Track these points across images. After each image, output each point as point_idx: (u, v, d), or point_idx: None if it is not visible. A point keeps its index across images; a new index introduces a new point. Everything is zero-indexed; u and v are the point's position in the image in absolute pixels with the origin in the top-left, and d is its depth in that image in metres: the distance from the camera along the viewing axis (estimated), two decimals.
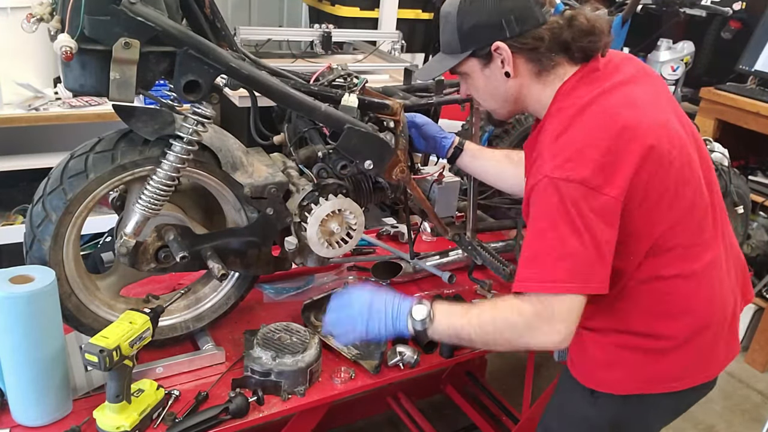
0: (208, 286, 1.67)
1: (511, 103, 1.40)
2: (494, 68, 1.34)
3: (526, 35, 1.29)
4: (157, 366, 1.49)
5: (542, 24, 1.28)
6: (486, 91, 1.42)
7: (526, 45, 1.29)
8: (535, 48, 1.29)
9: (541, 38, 1.29)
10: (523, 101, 1.38)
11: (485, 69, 1.36)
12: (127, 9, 1.18)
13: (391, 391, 2.50)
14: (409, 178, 1.66)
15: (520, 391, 2.32)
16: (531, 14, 1.28)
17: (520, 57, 1.31)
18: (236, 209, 1.57)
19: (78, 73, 1.24)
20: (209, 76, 1.33)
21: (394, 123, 1.61)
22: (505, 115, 1.46)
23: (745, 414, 2.88)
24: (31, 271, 1.29)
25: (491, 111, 1.49)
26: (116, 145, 1.38)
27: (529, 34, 1.29)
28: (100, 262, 1.82)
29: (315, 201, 1.58)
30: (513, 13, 1.28)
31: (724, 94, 3.17)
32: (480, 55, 1.34)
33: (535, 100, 1.36)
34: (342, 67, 1.64)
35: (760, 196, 3.13)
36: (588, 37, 1.29)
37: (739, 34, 3.42)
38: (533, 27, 1.28)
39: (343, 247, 1.65)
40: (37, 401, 1.32)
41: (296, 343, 1.52)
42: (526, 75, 1.34)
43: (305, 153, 1.63)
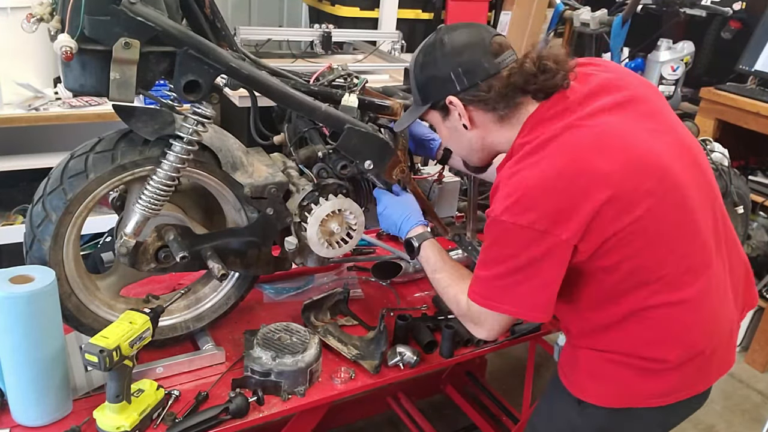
0: (208, 286, 1.67)
1: (478, 151, 1.42)
2: (453, 120, 1.37)
3: (475, 87, 1.29)
4: (157, 366, 1.49)
5: (493, 74, 1.28)
6: (451, 142, 1.46)
7: (477, 97, 1.30)
8: (488, 99, 1.29)
9: (491, 88, 1.28)
10: (491, 147, 1.39)
11: (446, 121, 1.39)
12: (127, 9, 1.18)
13: (391, 391, 2.50)
14: (409, 178, 1.66)
15: (520, 391, 2.31)
16: (479, 66, 1.28)
17: (474, 108, 1.32)
18: (236, 209, 1.57)
19: (78, 73, 1.24)
20: (209, 76, 1.33)
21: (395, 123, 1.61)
22: (476, 162, 1.47)
23: (745, 414, 2.88)
24: (31, 271, 1.29)
25: (463, 159, 1.51)
26: (116, 145, 1.38)
27: (478, 87, 1.29)
28: (100, 262, 1.82)
29: (315, 201, 1.58)
30: (461, 66, 1.29)
31: (724, 94, 3.17)
32: (438, 107, 1.37)
33: (504, 143, 1.35)
34: (342, 67, 1.64)
35: (760, 196, 3.12)
36: (541, 76, 1.26)
37: (739, 34, 3.42)
38: (483, 78, 1.28)
39: (343, 247, 1.65)
40: (37, 401, 1.32)
41: (296, 343, 1.52)
42: (487, 123, 1.34)
43: (305, 153, 1.63)
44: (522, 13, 4.31)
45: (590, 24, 3.28)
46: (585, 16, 3.32)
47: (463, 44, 1.30)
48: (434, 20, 4.08)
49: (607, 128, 1.24)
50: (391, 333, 1.67)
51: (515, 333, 1.79)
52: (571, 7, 3.42)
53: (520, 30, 4.33)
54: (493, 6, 4.34)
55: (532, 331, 1.80)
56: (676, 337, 1.30)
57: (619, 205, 1.19)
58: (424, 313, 1.84)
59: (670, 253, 1.26)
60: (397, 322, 1.67)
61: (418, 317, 1.78)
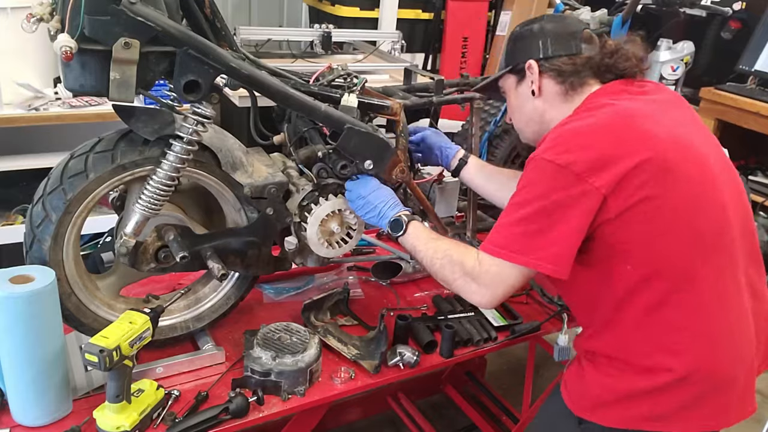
0: (208, 286, 1.67)
1: (536, 123, 1.44)
2: (525, 86, 1.43)
3: (557, 58, 1.38)
4: (157, 366, 1.49)
5: (574, 54, 1.37)
6: (516, 109, 1.50)
7: (554, 66, 1.38)
8: (563, 71, 1.37)
9: (570, 64, 1.37)
10: (548, 122, 1.41)
11: (518, 86, 1.46)
12: (127, 9, 1.18)
13: (391, 391, 2.50)
14: (409, 178, 1.66)
15: (520, 391, 2.31)
16: (567, 42, 1.38)
17: (547, 78, 1.40)
18: (236, 209, 1.57)
19: (78, 73, 1.24)
20: (209, 76, 1.33)
21: (394, 123, 1.61)
22: (530, 136, 1.50)
23: None
24: (31, 271, 1.29)
25: (519, 131, 1.54)
26: (116, 145, 1.38)
27: (558, 59, 1.38)
28: (100, 262, 1.83)
29: (315, 201, 1.58)
30: (550, 36, 1.39)
31: (724, 94, 3.18)
32: (516, 71, 1.45)
33: (559, 119, 1.36)
34: (342, 67, 1.64)
35: (760, 196, 3.13)
36: (613, 57, 1.35)
37: (739, 34, 3.43)
38: (565, 54, 1.38)
39: (343, 247, 1.65)
40: (37, 401, 1.32)
41: (296, 343, 1.52)
42: (553, 96, 1.40)
43: (305, 153, 1.63)
44: (522, 13, 4.30)
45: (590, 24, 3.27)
46: (585, 16, 3.32)
47: (562, 22, 1.42)
48: (434, 20, 4.08)
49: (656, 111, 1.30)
50: (391, 333, 1.67)
51: (515, 333, 1.79)
52: (571, 7, 3.42)
53: None
54: (493, 6, 4.34)
55: (532, 331, 1.80)
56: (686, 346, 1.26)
57: (658, 170, 1.20)
58: (424, 313, 1.84)
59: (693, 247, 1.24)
60: (397, 322, 1.67)
61: (418, 317, 1.78)
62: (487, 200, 2.12)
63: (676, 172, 1.22)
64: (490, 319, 1.80)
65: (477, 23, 4.25)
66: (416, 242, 1.46)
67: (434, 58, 4.24)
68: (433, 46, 4.19)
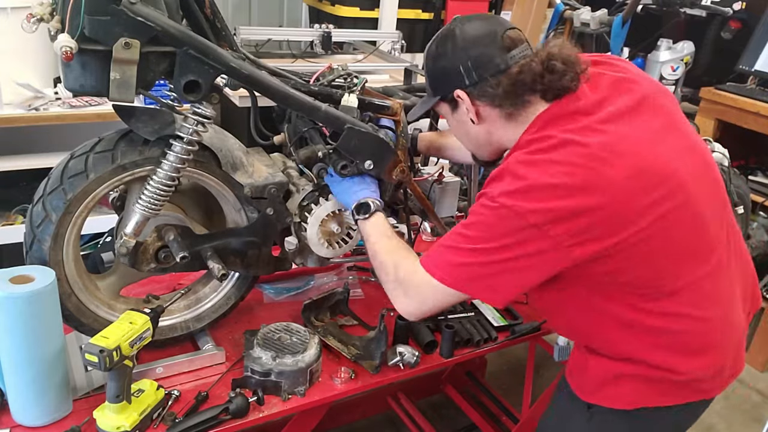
0: (208, 286, 1.67)
1: (486, 145, 1.40)
2: (461, 113, 1.36)
3: (484, 83, 1.27)
4: (157, 366, 1.49)
5: (503, 70, 1.26)
6: (460, 135, 1.45)
7: (485, 93, 1.28)
8: (495, 96, 1.27)
9: (499, 85, 1.26)
10: (498, 143, 1.38)
11: (454, 113, 1.39)
12: (127, 9, 1.18)
13: (391, 391, 2.50)
14: (409, 178, 1.66)
15: (520, 391, 2.31)
16: (489, 61, 1.26)
17: (482, 104, 1.31)
18: (236, 209, 1.57)
19: (78, 73, 1.24)
20: (209, 76, 1.33)
21: (395, 123, 1.61)
22: (485, 157, 1.46)
23: (745, 414, 2.88)
24: (31, 271, 1.29)
25: (472, 152, 1.50)
26: (116, 145, 1.38)
27: (486, 82, 1.27)
28: (100, 262, 1.83)
29: (315, 201, 1.58)
30: (470, 60, 1.27)
31: (724, 94, 3.17)
32: (447, 100, 1.37)
33: (511, 139, 1.32)
34: (342, 67, 1.64)
35: (760, 196, 3.13)
36: (547, 76, 1.24)
37: (739, 34, 3.42)
38: (492, 74, 1.26)
39: (343, 247, 1.65)
40: (37, 401, 1.32)
41: (296, 343, 1.52)
42: (495, 119, 1.32)
43: (305, 153, 1.63)
44: (522, 13, 4.31)
45: (590, 24, 3.28)
46: (585, 16, 3.32)
47: (475, 37, 1.28)
48: (434, 20, 4.08)
49: (618, 137, 1.21)
50: (391, 333, 1.67)
51: (515, 333, 1.78)
52: (571, 7, 3.42)
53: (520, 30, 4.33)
54: (493, 6, 4.34)
55: (532, 331, 1.80)
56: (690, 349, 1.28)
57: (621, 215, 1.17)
58: None
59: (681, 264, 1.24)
60: (397, 322, 1.67)
61: None
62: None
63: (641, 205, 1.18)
64: (490, 319, 1.80)
65: None
66: (372, 231, 1.45)
67: None
68: None
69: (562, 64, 1.24)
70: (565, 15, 3.47)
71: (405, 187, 1.74)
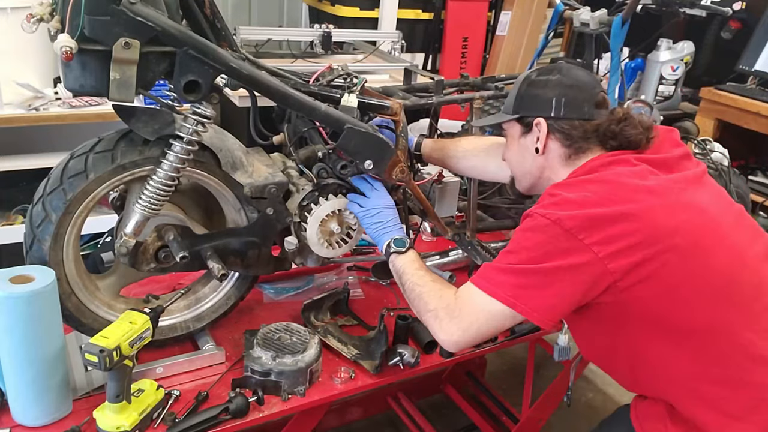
0: (208, 286, 1.67)
1: (534, 177, 1.44)
2: (530, 140, 1.41)
3: (567, 121, 1.34)
4: (157, 366, 1.49)
5: (587, 120, 1.34)
6: (515, 158, 1.48)
7: (564, 130, 1.35)
8: (572, 135, 1.34)
9: (581, 129, 1.34)
10: (546, 180, 1.42)
11: (522, 138, 1.43)
12: (127, 9, 1.18)
13: (391, 391, 2.50)
14: (409, 178, 1.66)
15: (520, 391, 2.32)
16: (580, 106, 1.34)
17: (554, 139, 1.37)
18: (236, 209, 1.57)
19: (78, 73, 1.24)
20: (209, 76, 1.33)
21: (394, 123, 1.61)
22: (525, 187, 1.50)
23: None
24: (31, 271, 1.29)
25: (515, 178, 1.53)
26: (116, 145, 1.38)
27: (570, 122, 1.34)
28: (100, 262, 1.82)
29: (315, 201, 1.58)
30: (565, 97, 1.34)
31: (724, 94, 3.17)
32: (524, 122, 1.42)
33: (556, 179, 1.38)
34: (342, 67, 1.64)
35: (760, 196, 3.13)
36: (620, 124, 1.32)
37: (739, 34, 3.42)
38: (578, 118, 1.34)
39: (343, 247, 1.65)
40: (37, 401, 1.32)
41: (296, 343, 1.52)
42: (555, 157, 1.38)
43: (305, 153, 1.63)
44: (522, 13, 4.31)
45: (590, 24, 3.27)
46: (585, 16, 3.32)
47: (578, 82, 1.36)
48: (434, 20, 4.08)
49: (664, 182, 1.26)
50: (391, 333, 1.67)
51: (515, 333, 1.78)
52: (571, 7, 3.42)
53: (520, 30, 4.33)
54: (493, 6, 4.34)
55: (532, 331, 1.80)
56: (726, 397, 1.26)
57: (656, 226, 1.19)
58: None
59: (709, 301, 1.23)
60: (397, 322, 1.67)
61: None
62: (486, 201, 2.12)
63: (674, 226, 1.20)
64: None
65: (477, 23, 4.25)
66: (408, 266, 1.46)
67: (434, 58, 4.24)
68: (433, 46, 4.19)
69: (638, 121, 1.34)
70: (564, 15, 3.47)
71: (405, 187, 1.74)
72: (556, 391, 2.19)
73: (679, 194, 1.25)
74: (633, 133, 1.32)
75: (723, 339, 1.25)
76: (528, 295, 1.23)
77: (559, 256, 1.20)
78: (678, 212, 1.22)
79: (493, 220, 2.14)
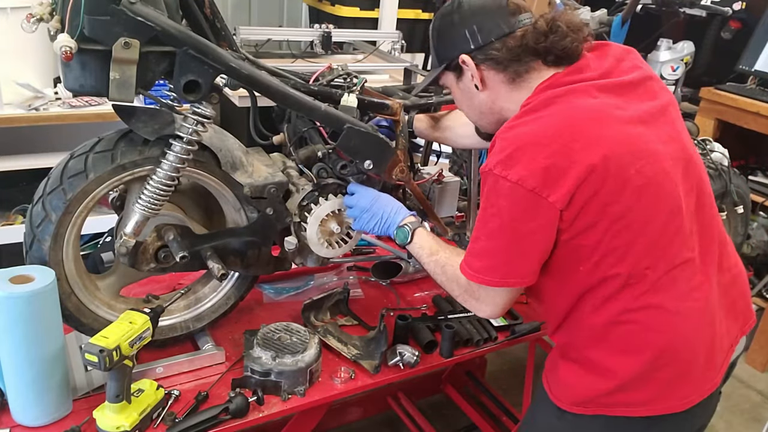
0: (208, 286, 1.67)
1: (488, 114, 1.39)
2: (466, 81, 1.36)
3: (489, 46, 1.28)
4: (157, 366, 1.49)
5: (508, 33, 1.27)
6: (463, 104, 1.44)
7: (490, 56, 1.28)
8: (500, 59, 1.28)
9: (505, 47, 1.27)
10: (500, 111, 1.36)
11: (459, 82, 1.38)
12: (127, 9, 1.18)
13: (391, 391, 2.50)
14: (409, 178, 1.66)
15: (520, 391, 2.32)
16: (494, 25, 1.27)
17: (487, 69, 1.31)
18: (236, 209, 1.57)
19: (78, 73, 1.24)
20: (209, 76, 1.33)
21: (394, 123, 1.61)
22: (487, 127, 1.45)
23: (745, 414, 2.88)
24: (31, 271, 1.29)
25: (475, 124, 1.50)
26: (116, 145, 1.38)
27: (491, 45, 1.28)
28: (100, 262, 1.82)
29: (315, 201, 1.58)
30: (476, 24, 1.28)
31: (724, 94, 3.17)
32: (452, 68, 1.36)
33: (513, 109, 1.31)
34: (342, 67, 1.64)
35: (760, 196, 3.13)
36: (551, 36, 1.25)
37: (739, 34, 3.42)
38: (497, 37, 1.27)
39: (343, 247, 1.65)
40: (37, 401, 1.32)
41: (296, 343, 1.52)
42: (499, 85, 1.32)
43: (305, 153, 1.63)
44: None
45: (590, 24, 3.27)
46: (585, 16, 3.32)
47: (481, 5, 1.30)
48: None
49: (608, 106, 1.22)
50: (391, 333, 1.67)
51: (515, 333, 1.79)
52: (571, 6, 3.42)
53: None
54: None
55: (532, 331, 1.80)
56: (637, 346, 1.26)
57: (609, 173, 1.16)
58: (424, 313, 1.84)
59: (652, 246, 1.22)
60: (397, 322, 1.67)
61: (418, 317, 1.78)
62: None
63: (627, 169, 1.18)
64: (490, 319, 1.80)
65: None
66: (420, 253, 1.46)
67: None
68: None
69: (566, 27, 1.25)
70: None
71: (405, 187, 1.74)
72: None
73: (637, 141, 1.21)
74: (564, 44, 1.26)
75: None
76: (515, 268, 1.25)
77: (529, 218, 1.19)
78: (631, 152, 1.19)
79: None
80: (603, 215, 1.19)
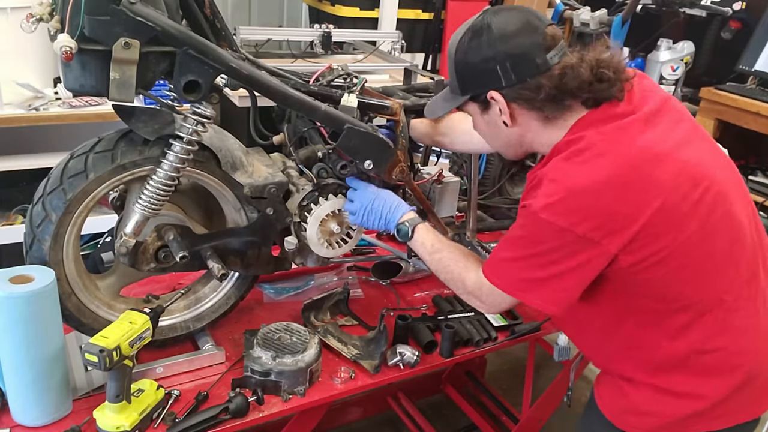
0: (208, 286, 1.67)
1: (516, 147, 1.34)
2: (493, 115, 1.27)
3: (522, 85, 1.19)
4: (157, 366, 1.49)
5: (543, 72, 1.17)
6: (486, 134, 1.37)
7: (523, 96, 1.20)
8: (533, 99, 1.20)
9: (540, 88, 1.18)
10: (529, 145, 1.31)
11: (484, 114, 1.30)
12: (127, 9, 1.18)
13: (391, 391, 2.51)
14: (409, 178, 1.66)
15: (520, 391, 2.32)
16: (530, 61, 1.17)
17: (518, 107, 1.23)
18: (236, 209, 1.57)
19: (78, 73, 1.24)
20: (209, 76, 1.33)
21: (394, 123, 1.61)
22: (511, 156, 1.40)
23: None
24: (31, 271, 1.29)
25: (496, 151, 1.45)
26: (116, 145, 1.38)
27: (526, 85, 1.19)
28: (100, 262, 1.82)
29: (315, 201, 1.58)
30: (509, 60, 1.18)
31: (724, 94, 3.17)
32: (478, 101, 1.28)
33: (545, 143, 1.26)
34: (342, 67, 1.64)
35: (760, 196, 3.13)
36: (596, 85, 1.17)
37: (739, 34, 3.42)
38: (532, 75, 1.18)
39: (343, 247, 1.65)
40: (37, 401, 1.32)
41: (296, 343, 1.52)
42: (530, 122, 1.25)
43: (305, 153, 1.63)
44: None
45: (590, 24, 3.28)
46: (585, 16, 3.33)
47: (513, 31, 1.18)
48: (434, 20, 4.08)
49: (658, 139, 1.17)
50: (391, 333, 1.67)
51: (515, 333, 1.78)
52: (571, 7, 3.43)
53: None
54: (493, 5, 4.34)
55: (532, 331, 1.80)
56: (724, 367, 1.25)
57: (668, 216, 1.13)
58: (424, 313, 1.83)
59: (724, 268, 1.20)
60: (397, 322, 1.67)
61: (418, 317, 1.78)
62: (486, 201, 2.12)
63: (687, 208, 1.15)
64: (490, 319, 1.80)
65: None
66: (422, 250, 1.47)
67: (434, 58, 4.24)
68: (433, 46, 4.18)
69: (612, 72, 1.17)
70: (564, 15, 3.48)
71: (405, 187, 1.74)
72: (556, 391, 2.19)
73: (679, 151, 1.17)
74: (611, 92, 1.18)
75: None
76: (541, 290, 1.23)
77: (570, 257, 1.17)
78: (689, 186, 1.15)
79: (493, 220, 2.14)
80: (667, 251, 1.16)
